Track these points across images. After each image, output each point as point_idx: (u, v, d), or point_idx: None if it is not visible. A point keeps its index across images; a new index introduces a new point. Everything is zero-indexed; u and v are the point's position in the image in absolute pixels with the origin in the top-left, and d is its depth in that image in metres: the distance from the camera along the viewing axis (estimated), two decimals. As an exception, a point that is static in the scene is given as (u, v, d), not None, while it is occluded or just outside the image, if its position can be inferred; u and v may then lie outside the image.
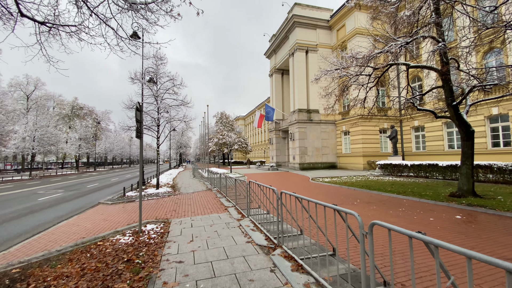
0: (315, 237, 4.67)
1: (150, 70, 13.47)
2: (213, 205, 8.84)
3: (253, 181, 5.99)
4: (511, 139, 16.41)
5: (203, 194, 12.00)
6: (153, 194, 12.27)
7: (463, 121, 8.38)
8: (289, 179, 18.02)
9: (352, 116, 25.33)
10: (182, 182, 18.42)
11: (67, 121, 53.94)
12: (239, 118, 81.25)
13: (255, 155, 66.30)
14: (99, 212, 9.18)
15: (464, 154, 8.38)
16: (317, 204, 3.02)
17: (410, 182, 13.05)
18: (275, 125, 33.57)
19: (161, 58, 13.66)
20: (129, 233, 5.60)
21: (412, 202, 8.19)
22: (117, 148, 67.50)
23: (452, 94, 8.54)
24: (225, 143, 47.05)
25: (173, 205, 9.27)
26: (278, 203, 4.14)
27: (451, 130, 21.18)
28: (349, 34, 26.16)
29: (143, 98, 14.02)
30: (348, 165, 26.32)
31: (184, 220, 6.61)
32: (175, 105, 13.61)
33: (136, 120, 5.25)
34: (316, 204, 3.04)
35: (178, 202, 10.00)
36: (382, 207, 7.57)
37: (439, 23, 8.81)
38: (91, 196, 13.73)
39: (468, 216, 6.23)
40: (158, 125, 13.51)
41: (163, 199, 11.04)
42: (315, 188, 12.54)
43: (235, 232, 5.22)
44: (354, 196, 9.84)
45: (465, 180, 8.25)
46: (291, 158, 28.66)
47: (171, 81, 13.38)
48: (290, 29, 29.39)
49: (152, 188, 14.33)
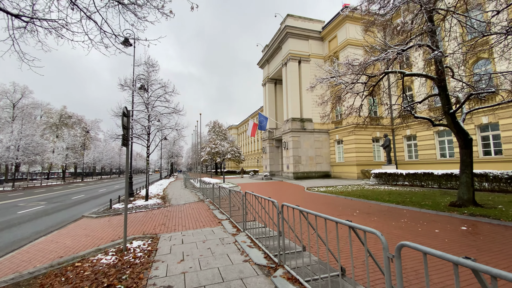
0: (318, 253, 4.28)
1: (142, 77, 13.08)
2: (205, 218, 8.32)
3: (250, 192, 5.58)
4: (502, 147, 16.63)
5: (195, 205, 11.44)
6: (141, 206, 11.61)
7: (461, 129, 8.29)
8: (284, 189, 17.62)
9: (346, 125, 25.40)
10: (173, 193, 17.73)
11: (55, 130, 52.33)
12: (232, 127, 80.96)
13: (248, 164, 65.74)
14: (81, 227, 8.50)
15: (463, 163, 8.24)
16: (326, 220, 2.65)
17: (407, 191, 12.87)
18: (269, 134, 33.38)
19: (153, 65, 13.32)
20: (113, 251, 5.05)
21: (413, 213, 7.91)
22: (106, 158, 65.69)
23: (449, 102, 8.48)
24: (218, 152, 46.45)
25: (162, 218, 8.70)
26: (279, 217, 3.75)
27: (443, 139, 21.41)
28: (341, 45, 26.58)
29: (134, 106, 13.56)
30: (342, 174, 26.17)
31: (174, 236, 6.09)
32: (166, 113, 13.18)
33: (123, 127, 4.83)
34: (325, 220, 2.67)
35: (168, 214, 9.42)
36: (383, 218, 7.26)
37: (434, 31, 8.85)
38: (75, 209, 12.92)
39: (474, 227, 5.97)
40: (149, 134, 13.00)
41: (152, 211, 10.42)
42: (312, 198, 12.17)
43: (231, 249, 4.76)
44: (352, 206, 9.52)
45: (465, 189, 8.07)
46: (285, 167, 28.34)
47: (163, 88, 13.01)
48: (283, 39, 29.71)
49: (141, 199, 13.64)
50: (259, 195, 4.87)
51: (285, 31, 28.54)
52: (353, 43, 25.29)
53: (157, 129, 13.21)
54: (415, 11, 9.25)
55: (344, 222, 2.32)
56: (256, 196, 5.14)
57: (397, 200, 9.94)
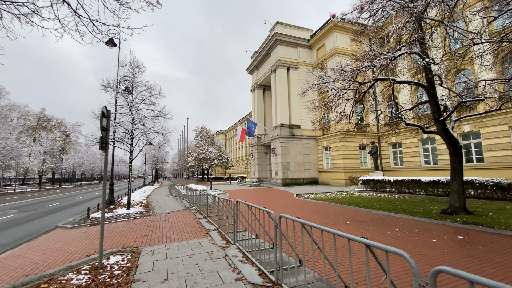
0: (318, 270, 3.93)
1: (126, 79, 12.46)
2: (192, 228, 7.79)
3: (242, 201, 5.18)
4: (484, 155, 17.19)
5: (180, 214, 10.83)
6: (122, 215, 10.85)
7: (451, 137, 8.33)
8: (273, 195, 17.27)
9: (334, 132, 25.57)
10: (157, 201, 16.91)
11: (32, 134, 49.53)
12: (220, 132, 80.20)
13: (236, 170, 65.01)
14: (54, 239, 7.71)
15: (453, 170, 8.25)
16: (335, 235, 2.32)
17: (396, 198, 12.88)
18: (257, 140, 33.12)
19: (138, 66, 12.75)
20: (86, 269, 4.47)
21: (406, 221, 7.77)
22: (87, 163, 62.85)
23: (439, 109, 8.54)
24: (205, 158, 45.57)
25: (145, 229, 8.07)
26: (276, 231, 3.38)
27: (427, 147, 21.97)
28: (329, 53, 26.99)
29: (117, 108, 12.86)
30: (329, 181, 26.21)
31: (157, 249, 5.54)
32: (152, 116, 12.57)
33: (101, 128, 4.33)
34: (334, 236, 2.34)
35: (151, 224, 8.79)
36: (377, 227, 7.05)
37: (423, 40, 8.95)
38: (49, 218, 11.91)
39: (470, 237, 5.85)
40: (132, 138, 12.32)
41: (134, 221, 9.72)
42: (302, 206, 11.88)
43: (221, 265, 4.32)
44: (344, 214, 9.30)
45: (456, 197, 8.06)
46: (274, 173, 28.06)
47: (149, 91, 12.43)
48: (272, 46, 29.84)
49: (122, 208, 12.82)
50: (253, 204, 4.48)
51: (274, 38, 28.70)
52: (341, 52, 25.75)
53: (142, 133, 12.56)
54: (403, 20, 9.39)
55: (360, 240, 2.00)
56: (249, 205, 4.75)
57: (388, 208, 9.84)
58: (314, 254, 4.45)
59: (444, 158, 19.90)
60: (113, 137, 12.67)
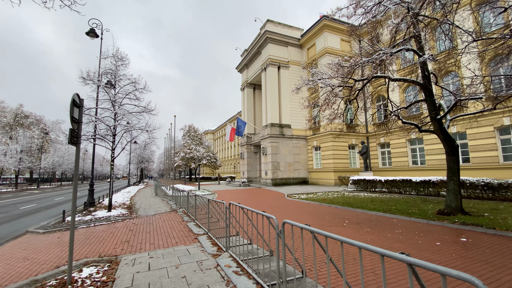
0: (323, 282, 3.47)
1: (108, 71, 11.61)
2: (179, 232, 7.17)
3: (236, 204, 4.65)
4: (469, 156, 17.50)
5: (166, 216, 10.14)
6: (102, 218, 10.03)
7: (447, 136, 8.17)
8: (264, 196, 16.81)
9: (324, 132, 25.47)
10: (142, 202, 16.04)
11: (8, 131, 46.61)
12: (208, 132, 79.00)
13: (225, 170, 64.15)
14: (22, 246, 6.88)
15: (450, 170, 8.09)
16: (361, 249, 1.85)
17: (388, 198, 12.74)
18: (247, 139, 32.58)
19: (122, 58, 11.91)
20: (52, 284, 3.80)
21: (404, 222, 7.51)
22: (68, 162, 60.00)
23: (435, 108, 8.36)
24: (193, 157, 44.56)
25: (126, 234, 7.37)
26: (279, 240, 2.89)
27: (415, 147, 22.23)
28: (319, 53, 26.87)
29: (98, 103, 11.97)
30: (319, 181, 26.08)
31: (139, 258, 4.92)
32: (136, 112, 11.77)
33: (71, 120, 3.69)
34: (360, 249, 1.87)
35: (134, 228, 8.08)
36: (376, 229, 6.72)
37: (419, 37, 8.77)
38: (20, 222, 10.88)
39: (473, 239, 5.61)
40: (114, 135, 11.48)
41: (115, 224, 8.95)
42: (294, 206, 11.48)
43: (212, 277, 3.78)
44: (340, 215, 8.96)
45: (453, 197, 7.89)
46: (263, 173, 27.63)
47: (133, 85, 11.62)
48: (263, 44, 29.41)
49: (103, 210, 11.95)
50: (249, 208, 3.97)
51: (264, 36, 28.28)
52: (332, 52, 25.67)
53: (125, 130, 11.73)
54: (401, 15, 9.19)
55: (398, 257, 1.53)
56: (244, 209, 4.23)
57: (382, 208, 9.61)
58: (317, 262, 4.03)
59: (431, 159, 20.18)
60: (93, 133, 11.79)
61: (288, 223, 2.82)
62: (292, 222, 2.75)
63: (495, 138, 16.36)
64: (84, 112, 11.37)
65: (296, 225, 2.66)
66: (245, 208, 4.10)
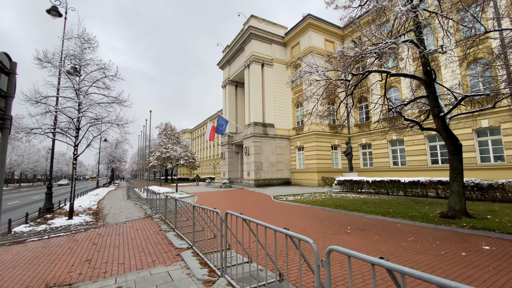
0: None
1: (72, 53, 9.89)
2: (156, 246, 5.89)
3: (236, 214, 3.54)
4: (449, 156, 17.91)
5: (140, 224, 8.71)
6: (60, 228, 8.35)
7: (450, 134, 7.75)
8: (249, 198, 15.75)
9: (307, 132, 25.05)
10: (111, 206, 14.22)
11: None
12: (186, 131, 76.16)
13: (204, 171, 62.01)
14: None
15: (453, 170, 7.67)
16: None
17: (378, 200, 12.34)
18: (228, 138, 31.31)
19: (89, 40, 10.23)
20: None
21: (410, 227, 6.90)
22: (28, 162, 54.41)
23: (438, 105, 7.91)
24: (169, 157, 42.22)
25: (89, 249, 5.93)
26: (321, 268, 1.89)
27: (395, 148, 22.52)
28: (304, 52, 26.42)
29: (59, 91, 10.16)
30: (302, 181, 25.61)
31: (102, 288, 3.65)
32: (105, 102, 10.13)
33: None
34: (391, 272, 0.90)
35: (99, 241, 6.63)
36: (385, 237, 6.00)
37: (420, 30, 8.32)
38: (-49, 234, 8.78)
39: (496, 246, 5.05)
40: (78, 128, 9.77)
41: (76, 236, 7.39)
42: (285, 210, 10.58)
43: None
44: (337, 220, 8.20)
45: (457, 199, 7.46)
46: (246, 174, 26.56)
47: (102, 71, 9.99)
48: (246, 40, 28.39)
49: (62, 217, 10.15)
50: (263, 223, 2.90)
51: (248, 32, 27.28)
52: (317, 51, 25.30)
53: (91, 123, 10.04)
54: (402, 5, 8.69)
55: None
56: (247, 220, 3.16)
57: (380, 211, 9.02)
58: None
59: (412, 159, 20.50)
60: (53, 126, 9.97)
61: (335, 250, 1.83)
62: (339, 248, 1.76)
63: (473, 139, 16.84)
64: (40, 101, 9.58)
65: (342, 251, 1.67)
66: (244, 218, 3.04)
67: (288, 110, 28.44)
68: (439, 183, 12.10)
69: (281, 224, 7.65)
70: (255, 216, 9.15)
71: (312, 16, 25.71)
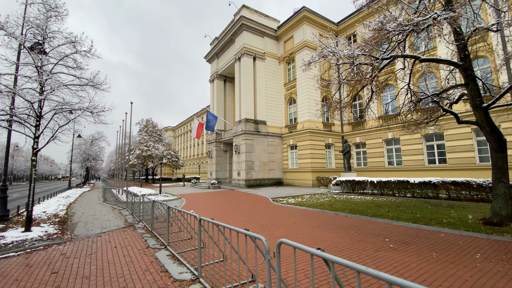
0: None
1: (31, 20, 7.80)
2: (145, 276, 4.20)
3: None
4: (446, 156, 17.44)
5: (119, 238, 6.86)
6: (11, 245, 6.32)
7: (494, 128, 6.71)
8: (245, 201, 14.17)
9: (300, 130, 23.91)
10: (84, 212, 12.05)
11: None
12: (168, 129, 72.81)
13: (188, 170, 59.29)
14: None
15: (498, 170, 6.63)
16: None
17: (389, 202, 11.29)
18: (216, 136, 29.45)
19: (56, 6, 8.17)
20: None
21: (459, 238, 5.66)
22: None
23: (480, 95, 6.85)
24: (151, 155, 39.52)
25: (44, 284, 4.11)
26: None
27: (391, 147, 21.92)
28: (298, 46, 25.29)
29: (18, 68, 8.02)
30: (295, 181, 24.43)
31: None
32: (76, 84, 8.13)
33: None
34: None
35: (61, 268, 4.77)
36: (446, 255, 4.72)
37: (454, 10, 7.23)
38: None
39: None
40: (40, 116, 7.71)
41: (31, 258, 5.45)
42: (294, 216, 9.13)
43: None
44: (366, 230, 6.86)
45: (503, 203, 6.42)
46: (235, 173, 24.90)
47: (72, 45, 7.99)
48: (237, 31, 26.72)
49: (19, 227, 8.03)
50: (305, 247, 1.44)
51: (240, 22, 25.63)
52: (311, 46, 24.24)
53: (56, 110, 7.97)
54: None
55: None
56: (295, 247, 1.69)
57: (406, 217, 7.83)
58: None
59: (408, 159, 19.95)
60: (7, 113, 7.81)
61: None
62: None
63: (472, 139, 16.39)
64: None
65: None
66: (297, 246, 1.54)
67: (280, 107, 27.16)
68: (453, 183, 11.28)
69: (304, 237, 6.20)
70: (263, 224, 7.64)
71: (307, 8, 24.58)
